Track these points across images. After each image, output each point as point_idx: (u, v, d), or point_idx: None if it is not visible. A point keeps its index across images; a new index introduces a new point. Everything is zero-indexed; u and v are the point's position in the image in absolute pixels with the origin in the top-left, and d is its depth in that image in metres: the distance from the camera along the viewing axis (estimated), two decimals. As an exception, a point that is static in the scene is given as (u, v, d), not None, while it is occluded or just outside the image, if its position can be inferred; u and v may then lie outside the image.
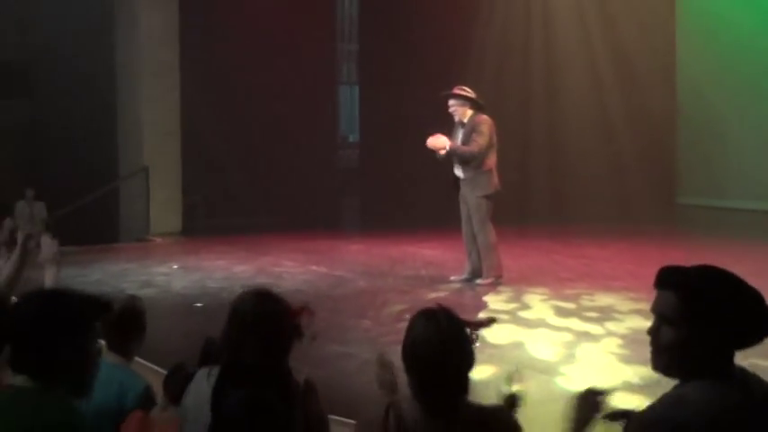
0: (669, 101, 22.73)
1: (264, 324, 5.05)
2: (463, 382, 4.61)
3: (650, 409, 3.90)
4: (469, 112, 14.44)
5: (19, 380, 4.12)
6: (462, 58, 21.67)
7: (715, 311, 3.85)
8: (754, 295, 3.89)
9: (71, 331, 4.19)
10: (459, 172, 14.53)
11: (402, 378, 4.83)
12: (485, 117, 14.43)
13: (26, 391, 4.09)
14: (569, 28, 22.80)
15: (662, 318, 3.88)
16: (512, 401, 4.97)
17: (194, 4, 22.89)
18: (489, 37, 22.51)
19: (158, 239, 21.97)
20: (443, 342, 4.59)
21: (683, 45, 22.76)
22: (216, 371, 5.00)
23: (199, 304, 14.28)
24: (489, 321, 5.43)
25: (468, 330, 4.70)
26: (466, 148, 14.27)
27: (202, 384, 4.84)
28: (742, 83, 21.02)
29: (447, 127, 14.77)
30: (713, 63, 21.77)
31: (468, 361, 4.61)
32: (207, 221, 21.83)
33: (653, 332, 3.93)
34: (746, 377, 3.97)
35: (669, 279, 3.92)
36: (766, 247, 16.31)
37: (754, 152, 20.58)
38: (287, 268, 16.23)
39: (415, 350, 4.60)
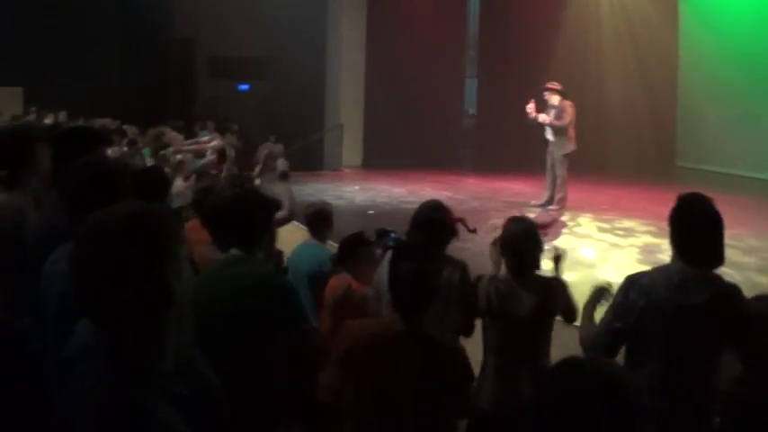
0: (671, 78, 21.77)
1: (432, 222, 5.12)
2: (536, 262, 4.87)
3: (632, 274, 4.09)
4: (558, 98, 14.66)
5: (233, 251, 4.14)
6: (548, 54, 21.33)
7: (682, 220, 3.99)
8: (716, 218, 3.96)
9: (266, 217, 4.33)
10: (549, 136, 14.83)
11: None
12: (568, 102, 14.69)
13: (239, 258, 4.11)
14: (606, 24, 22.08)
15: None
16: (557, 257, 5.12)
17: (374, 23, 22.97)
18: (564, 39, 22.13)
19: (346, 170, 22.14)
20: (524, 234, 4.87)
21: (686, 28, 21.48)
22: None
23: (371, 212, 14.66)
24: (551, 223, 5.65)
25: (537, 229, 4.97)
26: (557, 122, 14.58)
27: (385, 266, 4.60)
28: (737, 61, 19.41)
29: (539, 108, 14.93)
30: (713, 48, 20.24)
31: (538, 247, 4.88)
32: (378, 159, 21.85)
33: None
34: (713, 277, 3.98)
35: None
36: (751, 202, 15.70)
37: (746, 123, 19.28)
38: (427, 192, 16.25)
39: (507, 240, 4.87)
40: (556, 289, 4.93)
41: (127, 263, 2.02)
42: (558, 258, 5.13)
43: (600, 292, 4.45)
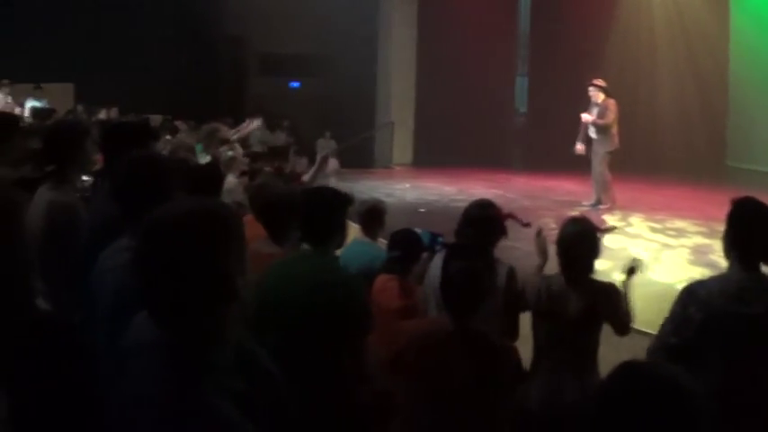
0: (722, 76, 21.32)
1: (483, 220, 5.09)
2: (591, 265, 4.82)
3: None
4: (602, 96, 14.62)
5: (305, 246, 4.13)
6: (599, 52, 21.22)
7: (742, 224, 3.93)
8: None
9: (340, 211, 4.21)
10: (592, 134, 14.73)
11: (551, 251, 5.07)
12: (612, 101, 14.60)
13: (311, 254, 4.09)
14: (657, 21, 21.83)
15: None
16: (632, 269, 5.02)
17: (425, 20, 22.98)
18: (616, 36, 21.95)
19: (397, 167, 22.18)
20: (581, 237, 4.83)
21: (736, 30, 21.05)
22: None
23: (421, 210, 14.65)
24: (611, 228, 5.59)
25: (596, 233, 4.91)
26: (600, 121, 14.51)
27: (437, 262, 4.64)
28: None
29: (584, 105, 14.88)
30: (764, 46, 19.79)
31: (595, 251, 4.83)
32: (428, 157, 21.85)
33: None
34: None
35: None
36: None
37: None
38: (477, 190, 16.15)
39: (563, 241, 4.82)
40: (608, 295, 4.86)
41: (191, 258, 2.04)
42: (631, 270, 5.05)
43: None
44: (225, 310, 2.10)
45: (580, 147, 14.93)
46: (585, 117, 14.68)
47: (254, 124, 13.02)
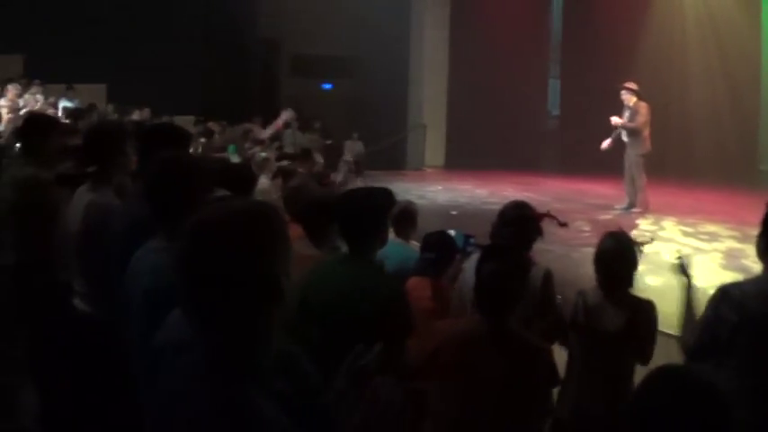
0: (754, 79, 20.74)
1: (520, 219, 5.06)
2: (631, 280, 4.78)
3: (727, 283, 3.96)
4: (634, 99, 14.59)
5: (344, 248, 4.10)
6: (631, 55, 21.12)
7: None
8: None
9: (381, 213, 4.16)
10: (624, 137, 14.71)
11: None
12: (643, 104, 14.58)
13: (353, 256, 4.03)
14: (689, 24, 21.56)
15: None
16: (682, 267, 4.68)
17: (457, 23, 22.98)
18: (648, 39, 21.82)
19: (429, 170, 22.21)
20: (620, 253, 4.78)
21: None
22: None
23: (454, 212, 14.63)
24: (649, 241, 5.52)
25: (635, 246, 4.85)
26: (630, 124, 14.50)
27: (473, 263, 4.53)
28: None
29: (616, 107, 14.85)
30: None
31: (634, 266, 4.78)
32: (460, 159, 21.86)
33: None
34: None
35: None
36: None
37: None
38: (509, 192, 16.07)
39: (602, 256, 4.79)
40: (646, 313, 4.80)
41: (237, 259, 2.04)
42: (682, 268, 4.65)
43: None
44: (271, 310, 2.10)
45: (607, 143, 14.91)
46: (615, 120, 14.68)
47: (284, 116, 13.00)
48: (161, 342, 2.52)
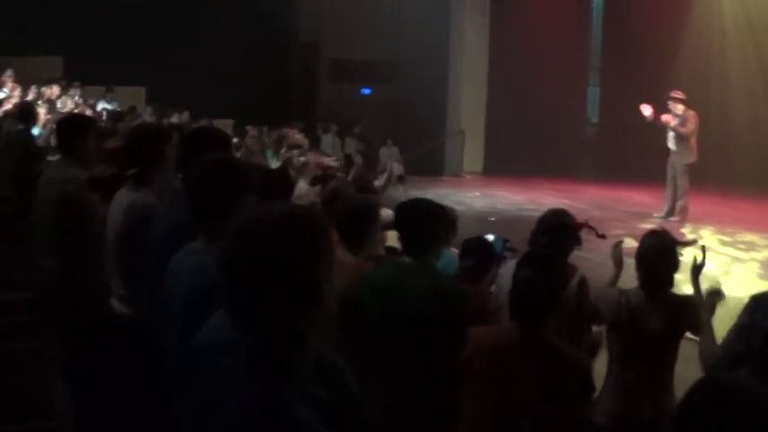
0: None
1: (560, 227, 5.07)
2: (672, 279, 4.76)
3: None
4: (682, 107, 14.54)
5: (406, 257, 4.12)
6: (671, 63, 20.98)
7: None
8: None
9: (440, 222, 4.22)
10: (671, 145, 14.70)
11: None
12: (692, 112, 14.61)
13: (416, 265, 4.07)
14: (729, 33, 21.25)
15: None
16: (715, 295, 4.74)
17: (497, 29, 22.95)
18: (687, 48, 21.65)
19: (467, 175, 22.19)
20: (662, 251, 4.75)
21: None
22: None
23: (492, 218, 14.60)
24: (692, 242, 5.46)
25: (676, 246, 4.84)
26: (682, 128, 14.51)
27: (509, 269, 4.51)
28: None
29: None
30: None
31: (675, 265, 4.76)
32: (498, 166, 21.85)
33: None
34: None
35: None
36: None
37: None
38: (547, 200, 16.09)
39: (644, 255, 4.76)
40: (689, 309, 4.73)
41: (280, 262, 2.05)
42: (712, 301, 4.72)
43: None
44: (312, 313, 2.11)
45: (650, 112, 14.76)
46: (666, 117, 14.60)
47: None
48: (201, 343, 2.54)
